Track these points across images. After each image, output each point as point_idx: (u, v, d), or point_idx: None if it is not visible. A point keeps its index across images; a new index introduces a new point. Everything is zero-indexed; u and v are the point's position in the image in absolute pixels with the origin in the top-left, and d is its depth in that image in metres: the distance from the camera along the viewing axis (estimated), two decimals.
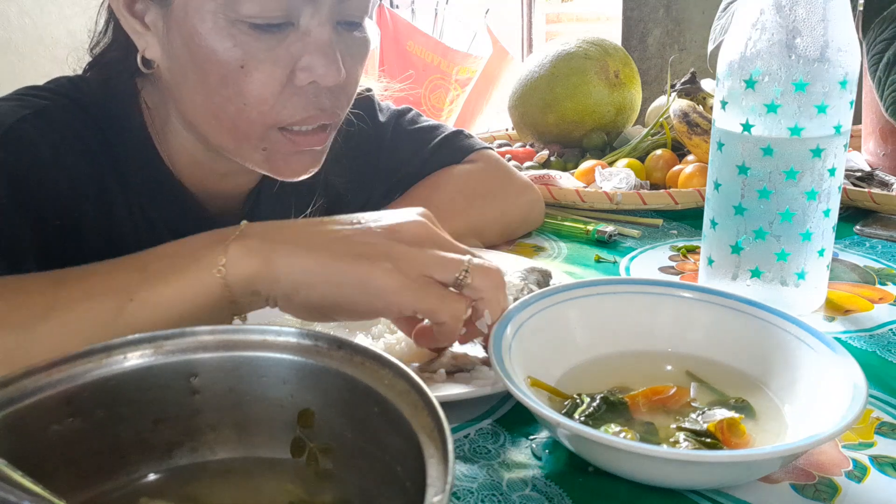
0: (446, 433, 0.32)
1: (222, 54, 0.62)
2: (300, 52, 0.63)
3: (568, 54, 1.23)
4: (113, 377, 0.38)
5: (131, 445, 0.39)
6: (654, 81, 2.31)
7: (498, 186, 0.90)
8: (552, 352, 0.56)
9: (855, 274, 0.81)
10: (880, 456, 0.50)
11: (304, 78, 0.63)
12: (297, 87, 0.64)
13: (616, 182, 1.04)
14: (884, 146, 1.12)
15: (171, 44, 0.64)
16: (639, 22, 2.44)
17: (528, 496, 0.46)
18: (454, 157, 0.91)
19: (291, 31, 0.62)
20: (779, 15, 0.62)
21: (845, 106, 0.64)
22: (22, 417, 0.35)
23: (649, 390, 0.53)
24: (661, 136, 1.16)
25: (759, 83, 0.63)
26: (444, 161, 0.90)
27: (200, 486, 0.40)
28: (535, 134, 1.27)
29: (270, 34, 0.62)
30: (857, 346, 0.65)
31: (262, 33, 0.61)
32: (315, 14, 0.62)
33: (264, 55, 0.62)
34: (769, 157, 0.64)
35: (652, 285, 0.61)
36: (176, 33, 0.63)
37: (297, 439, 0.41)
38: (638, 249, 0.89)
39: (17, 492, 0.31)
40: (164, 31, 0.64)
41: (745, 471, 0.45)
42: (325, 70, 0.63)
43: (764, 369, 0.55)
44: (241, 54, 0.62)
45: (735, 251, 0.68)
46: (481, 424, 0.54)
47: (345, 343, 0.39)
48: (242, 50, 0.62)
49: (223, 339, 0.40)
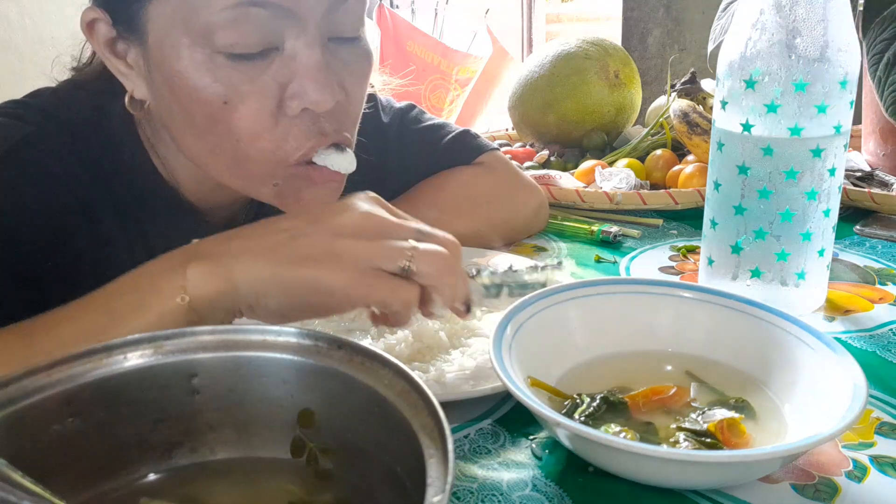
0: (446, 433, 0.32)
1: (203, 92, 0.58)
2: (288, 79, 0.59)
3: (568, 54, 1.23)
4: (113, 377, 0.38)
5: (131, 445, 0.39)
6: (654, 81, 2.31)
7: (504, 191, 0.89)
8: (552, 352, 0.56)
9: (855, 274, 0.81)
10: (880, 456, 0.50)
11: (296, 106, 0.59)
12: (289, 117, 0.60)
13: (616, 182, 1.04)
14: (884, 146, 1.12)
15: (155, 84, 0.61)
16: (639, 22, 2.44)
17: (528, 496, 0.46)
18: (464, 158, 0.90)
19: (276, 57, 0.58)
20: (779, 15, 0.62)
21: (845, 106, 0.64)
22: (22, 417, 0.35)
23: (649, 390, 0.53)
24: (661, 136, 1.16)
25: (759, 83, 0.63)
26: (455, 161, 0.89)
27: (200, 486, 0.40)
28: (535, 134, 1.27)
29: (252, 63, 0.58)
30: (857, 346, 0.65)
31: (243, 63, 0.57)
32: (301, 34, 0.58)
33: (248, 87, 0.58)
34: (769, 157, 0.64)
35: (652, 285, 0.61)
36: (156, 72, 0.60)
37: (297, 439, 0.40)
38: (638, 249, 0.89)
39: (17, 492, 0.31)
40: (146, 70, 0.61)
41: (745, 471, 0.45)
42: (318, 95, 0.58)
43: (764, 369, 0.55)
44: (222, 90, 0.58)
45: (735, 251, 0.68)
46: (481, 424, 0.54)
47: (345, 343, 0.39)
48: (223, 84, 0.58)
49: (223, 339, 0.40)
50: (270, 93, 0.59)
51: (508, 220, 0.89)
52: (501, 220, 0.88)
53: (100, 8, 0.62)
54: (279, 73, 0.59)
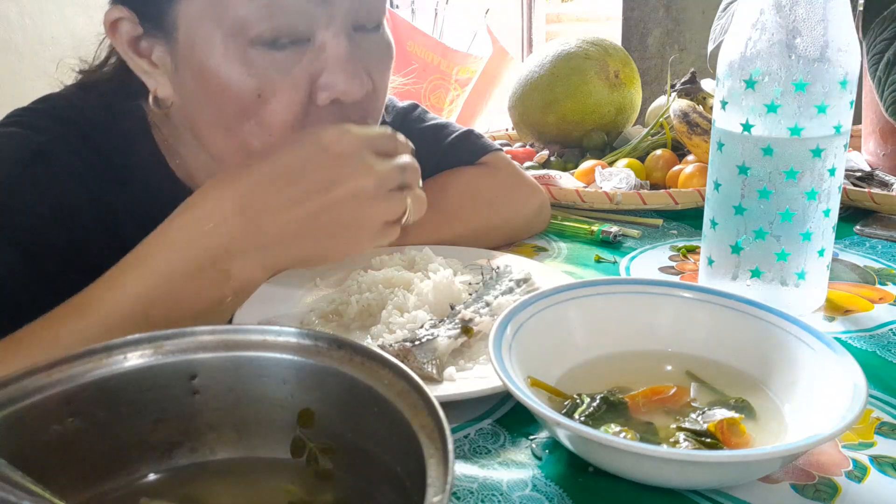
0: (446, 433, 0.32)
1: (237, 85, 0.58)
2: (318, 70, 0.59)
3: (568, 54, 1.23)
4: (113, 377, 0.38)
5: (131, 445, 0.39)
6: (654, 81, 2.31)
7: (506, 192, 0.90)
8: (552, 352, 0.56)
9: (855, 274, 0.80)
10: (880, 456, 0.50)
11: (326, 97, 0.60)
12: (319, 108, 0.61)
13: (616, 182, 1.04)
14: (884, 146, 1.12)
15: (182, 81, 0.61)
16: (639, 22, 2.44)
17: (528, 496, 0.46)
18: (467, 159, 0.90)
19: (307, 49, 0.59)
20: (779, 15, 0.62)
21: (845, 106, 0.64)
22: (22, 417, 0.35)
23: (649, 390, 0.53)
24: (661, 136, 1.16)
25: (759, 83, 0.63)
26: (457, 161, 0.89)
27: (200, 486, 0.40)
28: (535, 134, 1.27)
29: (284, 55, 0.58)
30: (857, 346, 0.65)
31: (276, 55, 0.58)
32: (330, 23, 0.59)
33: (280, 79, 0.59)
34: (769, 157, 0.64)
35: (652, 285, 0.61)
36: (185, 69, 0.60)
37: (297, 439, 0.40)
38: (638, 249, 0.89)
39: (17, 492, 0.31)
40: (172, 67, 0.61)
41: (745, 471, 0.45)
42: (347, 85, 0.60)
43: (764, 369, 0.55)
44: (256, 83, 0.58)
45: (735, 251, 0.68)
46: (481, 424, 0.54)
47: (345, 343, 0.39)
48: (257, 78, 0.58)
49: (223, 339, 0.40)
50: (302, 84, 0.60)
51: (509, 220, 0.89)
52: (502, 221, 0.88)
53: (125, 6, 0.62)
54: (310, 65, 0.60)
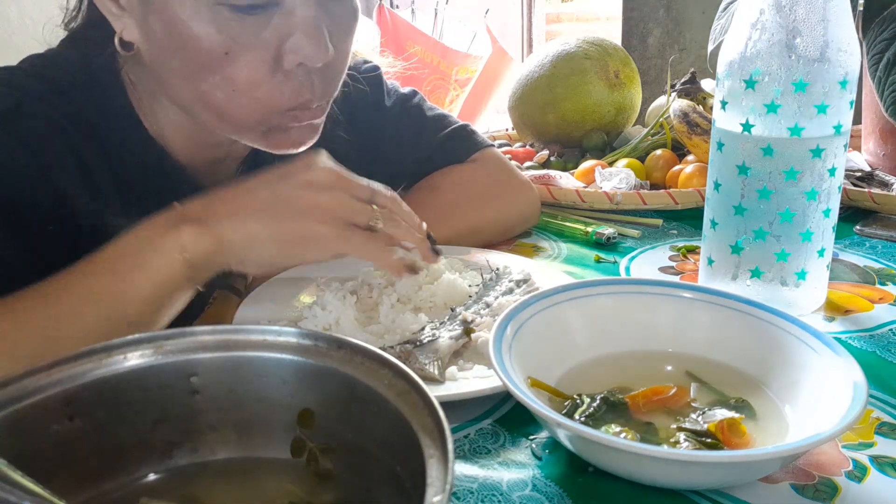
0: (446, 433, 0.32)
1: (205, 41, 0.60)
2: (286, 34, 0.61)
3: (568, 54, 1.23)
4: (113, 377, 0.38)
5: (131, 445, 0.39)
6: (654, 81, 2.31)
7: (498, 188, 0.91)
8: (552, 352, 0.56)
9: (855, 274, 0.80)
10: (880, 456, 0.50)
11: (292, 60, 0.62)
12: (285, 70, 0.62)
13: (616, 182, 1.04)
14: (884, 146, 1.12)
15: (151, 28, 0.62)
16: (639, 22, 2.44)
17: (528, 496, 0.46)
18: (458, 156, 0.91)
19: (276, 12, 0.60)
20: (779, 15, 0.62)
21: (845, 106, 0.64)
22: (22, 417, 0.35)
23: (649, 390, 0.53)
24: (661, 136, 1.16)
25: (759, 83, 0.63)
26: (449, 156, 0.91)
27: (200, 486, 0.40)
28: (535, 134, 1.27)
29: (255, 17, 0.60)
30: (857, 346, 0.65)
31: (247, 16, 0.59)
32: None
33: (249, 40, 0.60)
34: (769, 158, 0.64)
35: (652, 285, 0.61)
36: (156, 18, 0.61)
37: (297, 439, 0.40)
38: (638, 249, 0.89)
39: (17, 492, 0.31)
40: (141, 13, 0.62)
41: (746, 471, 0.45)
42: (313, 50, 0.61)
43: (764, 369, 0.55)
44: (224, 40, 0.60)
45: (735, 251, 0.68)
46: (481, 424, 0.54)
47: (345, 343, 0.39)
48: (226, 35, 0.60)
49: (223, 339, 0.40)
50: (270, 46, 0.61)
51: (500, 216, 0.91)
52: (495, 216, 0.90)
53: None
54: (279, 28, 0.61)
